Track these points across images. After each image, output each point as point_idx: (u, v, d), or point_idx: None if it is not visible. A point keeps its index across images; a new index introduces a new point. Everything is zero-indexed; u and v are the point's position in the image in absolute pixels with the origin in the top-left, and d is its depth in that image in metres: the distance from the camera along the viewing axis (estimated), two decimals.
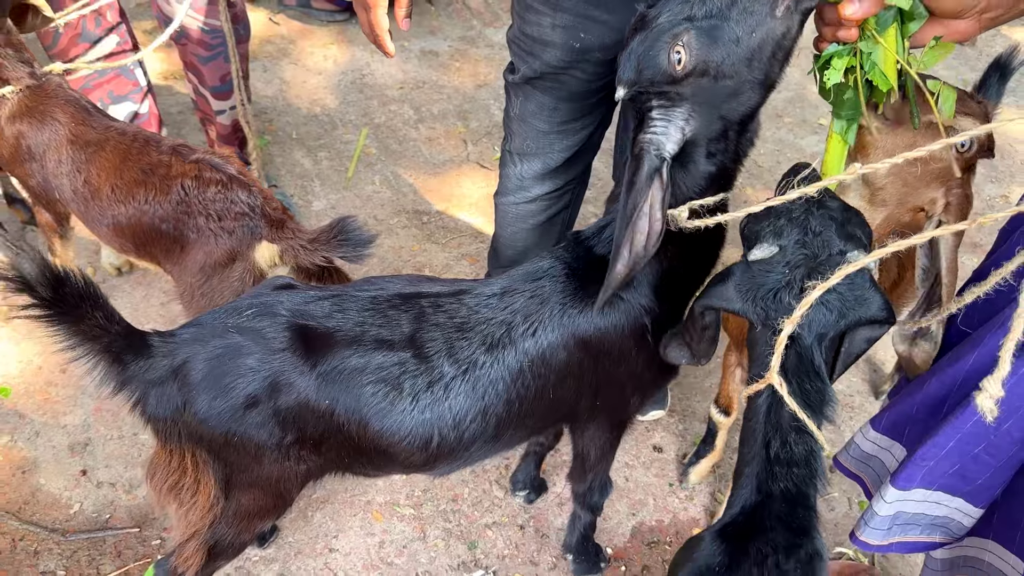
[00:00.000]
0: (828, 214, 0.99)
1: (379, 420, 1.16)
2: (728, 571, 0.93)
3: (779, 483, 0.96)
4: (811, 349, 0.97)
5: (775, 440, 0.97)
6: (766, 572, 0.91)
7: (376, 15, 1.32)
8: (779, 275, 0.99)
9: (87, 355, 1.08)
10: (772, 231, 1.00)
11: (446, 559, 1.76)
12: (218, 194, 1.56)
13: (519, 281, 1.23)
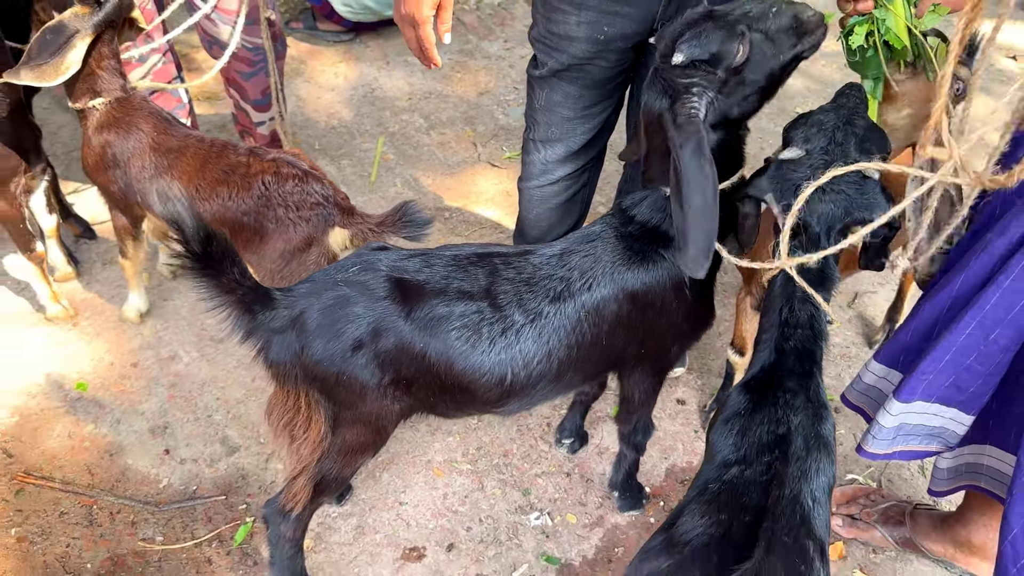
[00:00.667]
0: (852, 129, 1.22)
1: (462, 360, 1.36)
2: (751, 413, 1.17)
3: (790, 343, 1.19)
4: (819, 236, 1.20)
5: (786, 309, 1.21)
6: (779, 408, 1.14)
7: (425, 31, 1.51)
8: (802, 174, 1.22)
9: (223, 305, 1.27)
10: (803, 137, 1.23)
11: (504, 505, 1.95)
12: (295, 187, 1.76)
13: (575, 243, 1.44)
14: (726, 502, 1.10)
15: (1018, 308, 1.21)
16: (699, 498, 1.14)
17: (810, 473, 1.11)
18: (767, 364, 1.23)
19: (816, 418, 1.16)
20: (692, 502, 1.15)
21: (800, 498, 1.07)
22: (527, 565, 1.84)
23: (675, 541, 1.09)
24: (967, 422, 1.42)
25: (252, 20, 2.16)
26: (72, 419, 2.05)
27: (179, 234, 1.17)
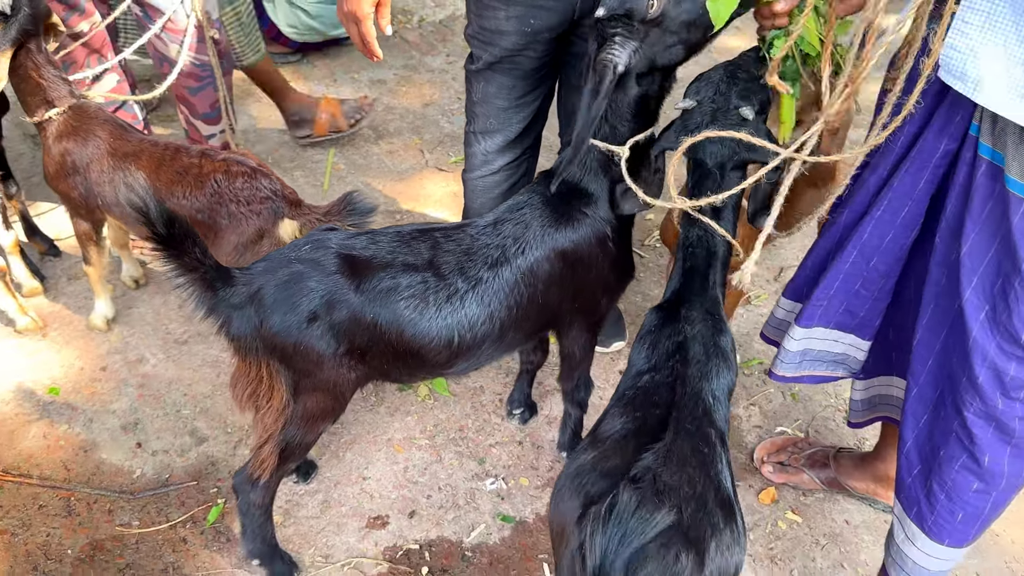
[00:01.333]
0: (734, 82, 1.41)
1: (412, 327, 1.51)
2: (660, 328, 1.37)
3: (689, 265, 1.39)
4: (712, 171, 1.40)
5: (687, 238, 1.41)
6: (681, 322, 1.34)
7: (366, 26, 1.69)
8: (696, 121, 1.42)
9: (187, 284, 1.39)
10: (695, 90, 1.43)
11: (461, 473, 2.09)
12: (245, 183, 1.90)
13: (506, 212, 1.60)
14: (640, 403, 1.27)
15: (890, 236, 1.39)
16: (617, 403, 1.31)
17: (710, 375, 1.30)
18: (675, 288, 1.43)
19: (715, 330, 1.36)
20: (612, 407, 1.31)
21: (702, 395, 1.25)
22: (484, 525, 1.98)
23: (598, 439, 1.25)
24: (864, 347, 1.60)
25: (199, 38, 2.30)
26: (46, 421, 2.15)
27: (144, 219, 1.30)
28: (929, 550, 1.48)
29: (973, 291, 1.27)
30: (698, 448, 1.17)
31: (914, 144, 1.31)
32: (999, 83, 1.10)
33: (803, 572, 1.95)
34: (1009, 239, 1.20)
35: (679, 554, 1.05)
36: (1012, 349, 1.26)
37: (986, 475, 1.37)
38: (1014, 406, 1.31)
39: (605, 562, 1.04)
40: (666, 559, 1.04)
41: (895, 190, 1.34)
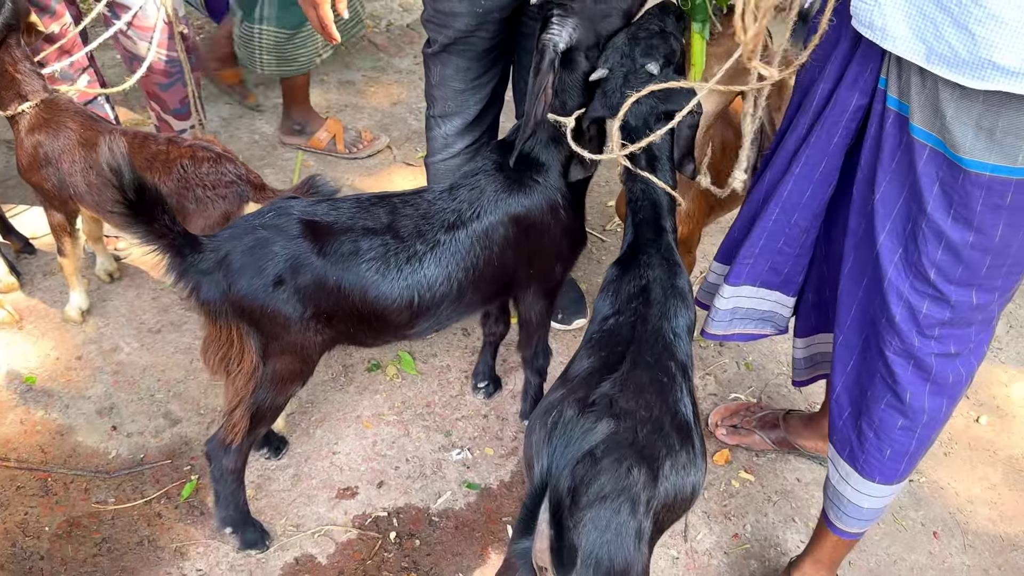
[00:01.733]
0: (636, 42, 1.52)
1: (375, 288, 1.59)
2: (621, 277, 1.46)
3: (639, 217, 1.49)
4: (639, 129, 1.50)
5: (632, 193, 1.50)
6: (640, 268, 1.43)
7: (324, 10, 1.79)
8: (612, 86, 1.52)
9: (157, 249, 1.47)
10: (604, 59, 1.53)
11: (428, 446, 2.17)
12: (211, 168, 1.98)
13: (462, 179, 1.70)
14: (605, 343, 1.37)
15: (809, 193, 1.50)
16: (584, 346, 1.41)
17: (669, 314, 1.41)
18: (629, 240, 1.54)
19: (671, 273, 1.47)
20: (579, 351, 1.41)
21: (662, 332, 1.36)
22: (450, 492, 2.06)
23: (567, 378, 1.35)
24: (789, 304, 1.71)
25: (168, 35, 2.39)
26: (23, 408, 2.20)
27: (117, 182, 1.37)
28: (862, 488, 1.58)
29: (887, 235, 1.38)
30: (656, 378, 1.28)
31: (828, 101, 1.42)
32: (901, 29, 1.21)
33: (756, 527, 2.04)
34: (916, 184, 1.31)
35: (631, 468, 1.14)
36: (924, 287, 1.37)
37: (909, 412, 1.47)
38: (929, 343, 1.41)
39: (552, 468, 1.13)
40: (618, 472, 1.12)
41: (812, 146, 1.45)
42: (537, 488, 1.14)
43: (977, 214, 1.27)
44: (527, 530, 1.14)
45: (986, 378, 2.50)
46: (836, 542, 1.71)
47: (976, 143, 1.22)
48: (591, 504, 1.10)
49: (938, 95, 1.23)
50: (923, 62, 1.21)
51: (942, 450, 2.27)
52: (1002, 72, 1.14)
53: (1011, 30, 1.11)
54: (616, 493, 1.10)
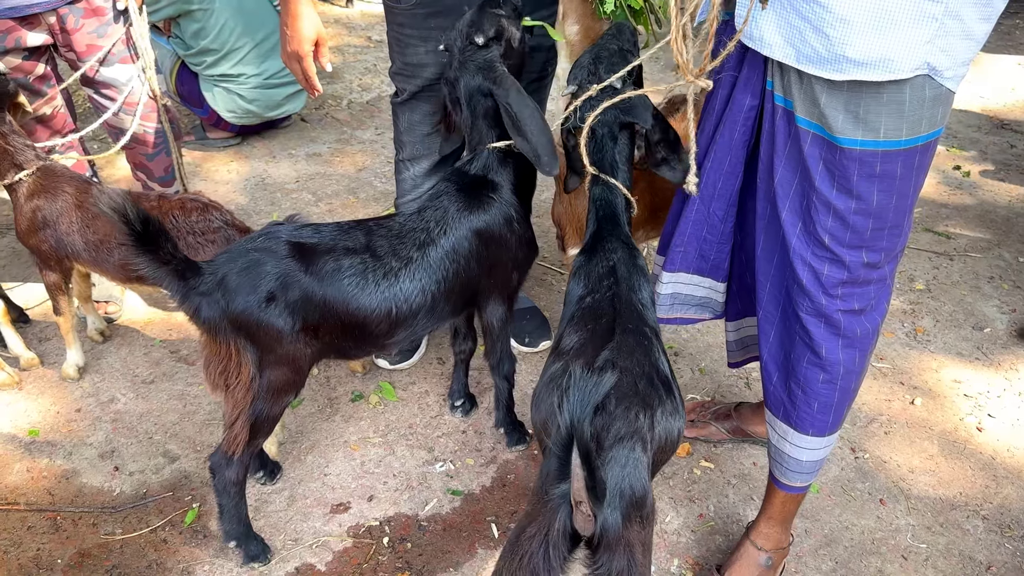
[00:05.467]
0: (599, 60, 1.78)
1: (356, 301, 1.80)
2: (588, 263, 1.69)
3: (601, 213, 1.73)
4: (603, 137, 1.76)
5: (596, 193, 1.75)
6: (605, 253, 1.67)
7: (307, 63, 2.04)
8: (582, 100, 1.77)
9: (161, 276, 1.67)
10: (573, 76, 1.80)
11: (413, 462, 2.34)
12: (199, 217, 2.20)
13: (427, 202, 1.94)
14: (588, 318, 1.58)
15: (720, 184, 1.75)
16: (569, 324, 1.61)
17: (636, 288, 1.63)
18: (592, 231, 1.77)
19: (631, 255, 1.69)
20: (564, 328, 1.62)
21: (634, 303, 1.58)
22: (436, 500, 2.22)
23: (560, 351, 1.54)
24: (721, 289, 1.94)
25: (151, 109, 2.64)
26: (28, 458, 2.34)
27: (123, 219, 1.58)
28: (799, 442, 1.79)
29: (787, 212, 1.64)
30: (640, 342, 1.50)
31: (727, 104, 1.69)
32: (775, 38, 1.49)
33: (718, 507, 2.23)
34: (805, 165, 1.58)
35: (638, 414, 1.35)
36: (822, 252, 1.61)
37: (827, 365, 1.70)
38: (835, 302, 1.65)
39: (574, 420, 1.32)
40: (629, 417, 1.33)
41: (718, 144, 1.72)
42: (564, 439, 1.33)
43: (855, 184, 1.54)
44: (562, 476, 1.34)
45: (918, 365, 2.75)
46: (784, 498, 1.90)
47: (846, 124, 1.49)
48: (612, 445, 1.31)
49: (813, 88, 1.51)
50: (795, 63, 1.50)
51: (882, 430, 2.49)
52: (854, 64, 1.42)
53: (857, 30, 1.40)
54: (630, 434, 1.30)
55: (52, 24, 2.41)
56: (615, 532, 1.31)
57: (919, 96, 1.45)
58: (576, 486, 1.31)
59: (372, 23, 5.90)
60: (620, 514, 1.30)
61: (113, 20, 2.48)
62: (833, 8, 1.40)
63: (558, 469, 1.36)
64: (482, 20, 1.88)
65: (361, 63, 5.14)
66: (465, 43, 1.89)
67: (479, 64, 1.89)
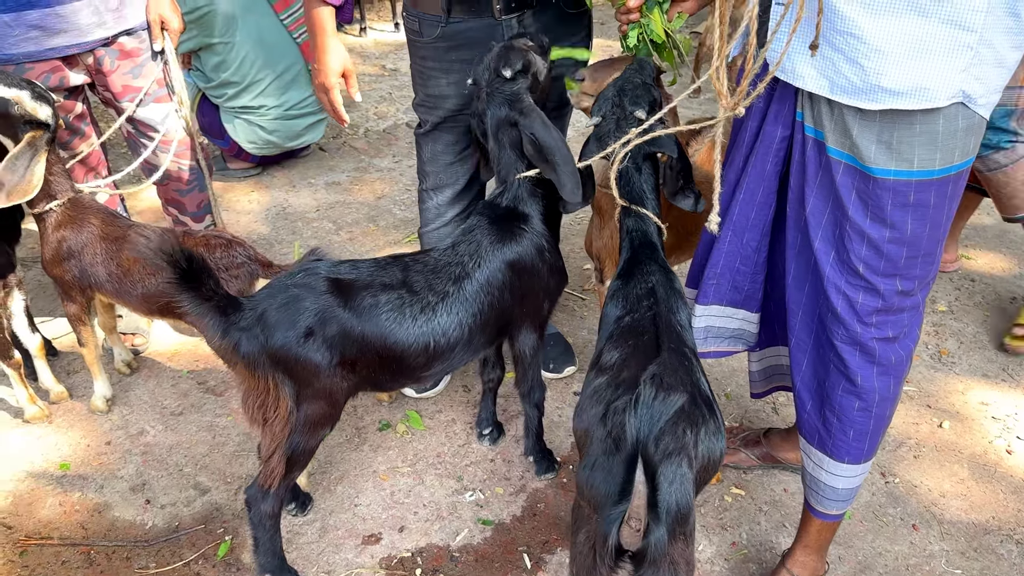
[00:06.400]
0: (623, 93, 1.82)
1: (393, 336, 1.82)
2: (626, 286, 1.72)
3: (635, 239, 1.77)
4: (628, 168, 1.80)
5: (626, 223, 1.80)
6: (643, 275, 1.70)
7: (334, 95, 2.09)
8: (604, 131, 1.82)
9: (203, 312, 1.69)
10: (598, 107, 1.83)
11: (442, 491, 2.35)
12: (223, 253, 2.23)
13: (460, 236, 1.96)
14: (628, 335, 1.61)
15: (753, 214, 1.77)
16: (608, 341, 1.64)
17: (674, 309, 1.66)
18: (627, 257, 1.80)
19: (669, 277, 1.73)
20: (604, 345, 1.64)
21: (673, 324, 1.61)
22: (467, 530, 2.23)
23: (602, 367, 1.57)
24: (755, 320, 1.95)
25: (186, 146, 2.68)
26: (60, 492, 2.35)
27: (167, 259, 1.60)
28: (834, 470, 1.79)
29: (820, 241, 1.65)
30: (682, 361, 1.52)
31: (757, 136, 1.71)
32: (807, 70, 1.51)
33: (751, 534, 2.22)
34: (837, 195, 1.59)
35: (686, 430, 1.36)
36: (856, 280, 1.63)
37: (862, 393, 1.70)
38: (869, 330, 1.66)
39: (640, 437, 1.33)
40: (676, 433, 1.33)
41: (750, 175, 1.74)
42: (629, 455, 1.35)
43: (888, 213, 1.55)
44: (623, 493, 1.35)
45: (944, 388, 2.75)
46: (820, 526, 1.90)
47: (879, 154, 1.51)
48: (660, 461, 1.31)
49: (844, 119, 1.53)
50: (828, 94, 1.52)
51: (911, 454, 2.49)
52: (890, 94, 1.44)
53: (892, 60, 1.42)
54: (678, 450, 1.31)
55: (90, 65, 2.45)
56: (661, 548, 1.32)
57: (952, 125, 1.47)
58: (636, 503, 1.33)
59: (386, 51, 5.97)
60: (666, 530, 1.32)
61: (148, 61, 2.53)
62: (868, 39, 1.42)
63: (619, 485, 1.38)
64: (509, 54, 1.92)
65: (376, 92, 5.20)
66: (492, 76, 1.93)
67: (506, 96, 1.92)
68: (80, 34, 2.40)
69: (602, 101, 1.91)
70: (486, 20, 2.12)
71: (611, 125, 1.87)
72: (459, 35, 2.15)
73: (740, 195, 1.78)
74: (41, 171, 2.19)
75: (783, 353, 2.03)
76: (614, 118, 1.87)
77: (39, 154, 2.17)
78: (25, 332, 2.58)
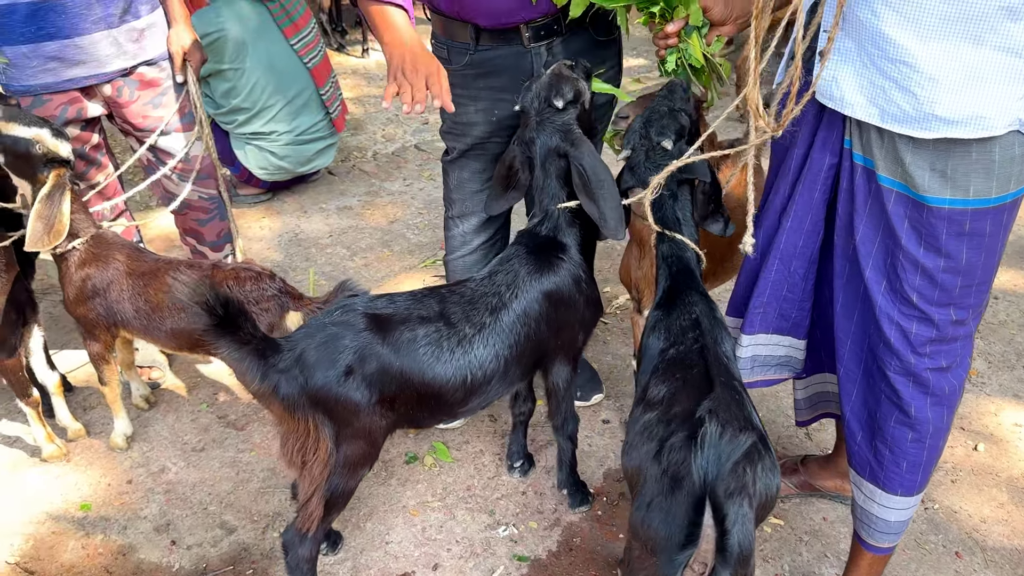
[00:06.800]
0: (650, 123, 1.80)
1: (432, 371, 1.78)
2: (667, 316, 1.69)
3: (673, 268, 1.74)
4: (662, 196, 1.78)
5: (663, 250, 1.76)
6: (685, 306, 1.67)
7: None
8: (636, 160, 1.81)
9: (242, 356, 1.64)
10: (627, 140, 1.80)
11: (475, 526, 2.29)
12: (253, 286, 2.19)
13: (497, 266, 1.93)
14: (675, 368, 1.59)
15: (801, 242, 1.74)
16: (653, 375, 1.61)
17: (720, 341, 1.64)
18: (665, 287, 1.77)
19: (711, 307, 1.70)
20: (649, 379, 1.61)
21: (720, 356, 1.59)
22: (503, 567, 2.17)
23: (650, 402, 1.54)
24: (802, 347, 1.92)
25: (206, 175, 2.64)
26: (82, 534, 2.29)
27: (206, 307, 1.56)
28: (886, 503, 1.75)
29: (871, 270, 1.62)
30: (734, 396, 1.50)
31: (804, 164, 1.68)
32: (857, 97, 1.49)
33: (793, 566, 2.18)
34: (889, 223, 1.56)
35: (745, 468, 1.33)
36: (909, 310, 1.59)
37: (916, 424, 1.66)
38: (923, 360, 1.63)
39: (707, 478, 1.29)
40: (737, 471, 1.30)
41: (797, 203, 1.71)
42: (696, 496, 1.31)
43: (943, 242, 1.52)
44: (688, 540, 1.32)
45: (976, 409, 2.71)
46: (872, 560, 1.86)
47: (933, 182, 1.48)
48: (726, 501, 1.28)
49: (896, 147, 1.50)
50: (878, 122, 1.49)
51: (948, 478, 2.45)
52: (944, 122, 1.41)
53: (946, 88, 1.39)
54: (739, 489, 1.28)
55: (109, 95, 2.42)
56: None
57: (1008, 153, 1.44)
58: (705, 547, 1.29)
59: None
60: (730, 572, 1.28)
61: (168, 91, 2.49)
62: (921, 67, 1.40)
63: (682, 528, 1.35)
64: (561, 84, 1.90)
65: (383, 114, 5.18)
66: (543, 105, 1.90)
67: (557, 126, 1.90)
68: (99, 65, 2.36)
69: (630, 133, 1.89)
70: (515, 48, 2.09)
71: (640, 156, 1.85)
72: (487, 63, 2.12)
73: (787, 223, 1.75)
74: (68, 207, 2.14)
75: (829, 380, 2.00)
76: (642, 149, 1.85)
77: (66, 191, 2.13)
78: (43, 369, 2.53)
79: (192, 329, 2.20)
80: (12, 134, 2.05)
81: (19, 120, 2.06)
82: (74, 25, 2.29)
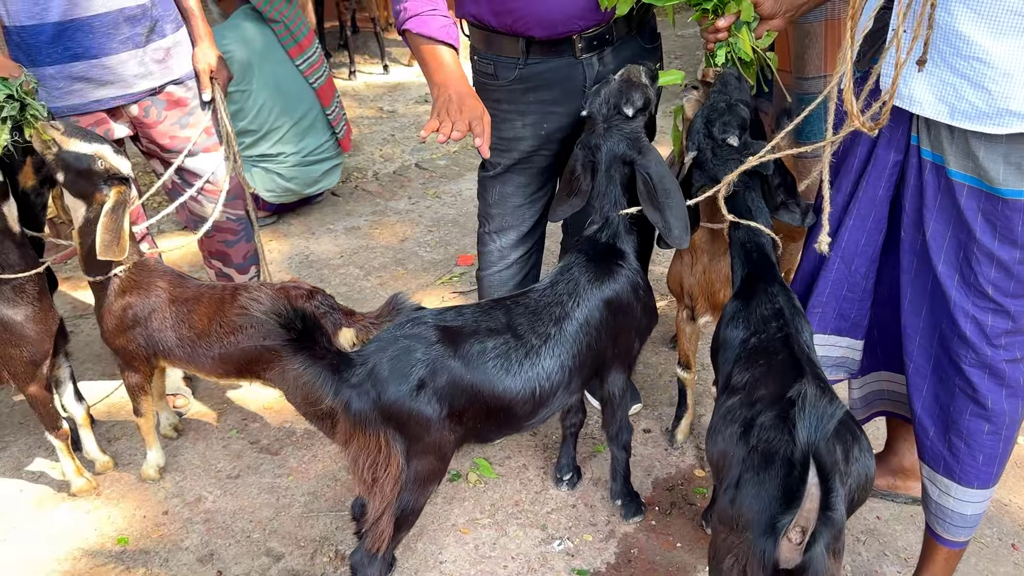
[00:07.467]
0: (711, 122, 1.81)
1: (501, 383, 1.75)
2: (747, 306, 1.69)
3: (753, 257, 1.74)
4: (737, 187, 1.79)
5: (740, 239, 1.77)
6: (767, 295, 1.67)
7: None
8: (704, 159, 1.83)
9: (316, 372, 1.60)
10: (692, 142, 1.83)
11: (528, 542, 2.25)
12: (305, 304, 2.14)
13: (558, 275, 1.91)
14: (758, 356, 1.59)
15: (864, 240, 1.75)
16: (736, 363, 1.61)
17: (801, 330, 1.64)
18: (743, 276, 1.77)
19: (789, 296, 1.71)
20: (732, 368, 1.61)
21: (803, 345, 1.60)
22: None
23: (734, 388, 1.55)
24: (859, 347, 1.92)
25: (234, 196, 2.59)
26: (122, 569, 2.20)
27: (283, 321, 1.52)
28: (963, 496, 1.76)
29: (943, 264, 1.63)
30: (820, 384, 1.50)
31: (868, 160, 1.70)
32: (925, 96, 1.51)
33: (853, 566, 2.17)
34: (961, 216, 1.58)
35: (835, 446, 1.34)
36: (984, 303, 1.61)
37: (993, 416, 1.67)
38: (999, 352, 1.64)
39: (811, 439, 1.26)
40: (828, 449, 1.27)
41: (860, 200, 1.72)
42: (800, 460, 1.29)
43: (1019, 234, 1.54)
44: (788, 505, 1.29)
45: None
46: (947, 554, 1.85)
47: (1008, 175, 1.50)
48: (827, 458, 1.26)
49: (967, 142, 1.52)
50: (948, 120, 1.51)
51: None
52: (1019, 117, 1.43)
53: (1021, 83, 1.41)
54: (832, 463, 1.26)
55: (135, 116, 2.37)
56: (822, 564, 1.29)
57: None
58: (808, 507, 1.26)
59: (379, 93, 5.94)
60: (825, 546, 1.28)
61: (196, 110, 2.45)
62: (995, 63, 1.42)
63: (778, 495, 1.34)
64: (632, 91, 1.90)
65: (378, 134, 5.15)
66: (612, 112, 1.89)
67: (625, 133, 1.90)
68: (126, 85, 2.32)
69: (693, 134, 1.89)
70: (566, 59, 2.09)
71: (708, 155, 1.87)
72: (537, 76, 2.12)
73: (850, 221, 1.76)
74: (128, 225, 2.08)
75: (885, 378, 2.00)
76: (709, 148, 1.86)
77: (127, 209, 2.07)
78: (71, 401, 2.44)
79: (248, 350, 2.14)
80: (74, 150, 1.99)
81: (80, 136, 2.01)
82: (101, 45, 2.25)
